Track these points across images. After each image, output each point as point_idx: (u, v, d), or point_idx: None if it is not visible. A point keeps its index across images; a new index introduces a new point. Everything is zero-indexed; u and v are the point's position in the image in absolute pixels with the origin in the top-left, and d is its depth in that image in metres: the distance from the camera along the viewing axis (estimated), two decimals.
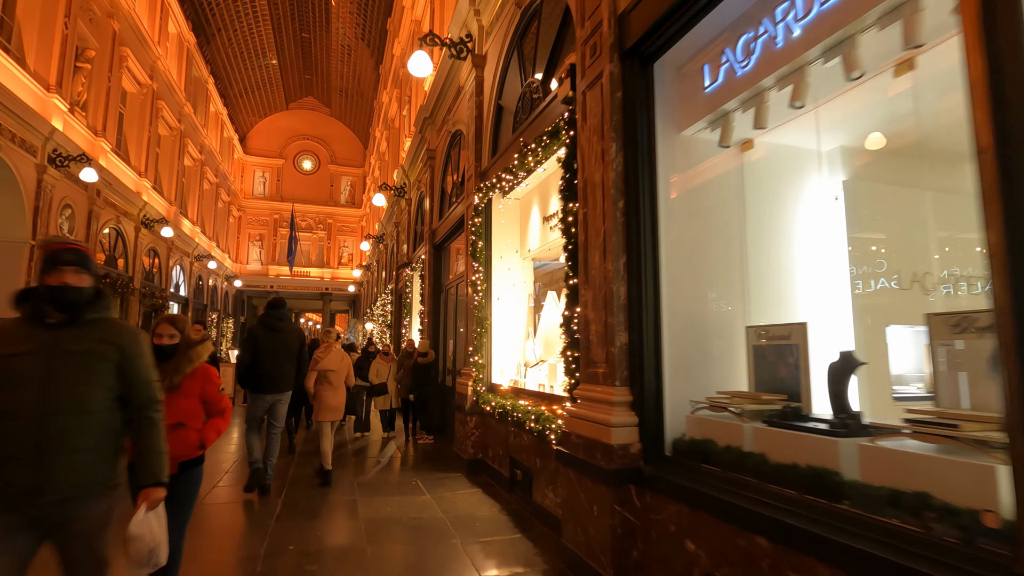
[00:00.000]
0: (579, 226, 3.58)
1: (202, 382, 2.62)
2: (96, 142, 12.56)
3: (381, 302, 17.74)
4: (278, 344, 4.97)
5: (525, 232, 6.16)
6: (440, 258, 9.36)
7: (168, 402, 2.31)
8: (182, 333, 2.63)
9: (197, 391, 2.59)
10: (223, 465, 6.33)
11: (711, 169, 3.29)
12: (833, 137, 3.15)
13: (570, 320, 3.69)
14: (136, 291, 15.13)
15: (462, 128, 7.68)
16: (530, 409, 4.48)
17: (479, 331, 6.00)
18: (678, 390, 3.01)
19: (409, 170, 12.36)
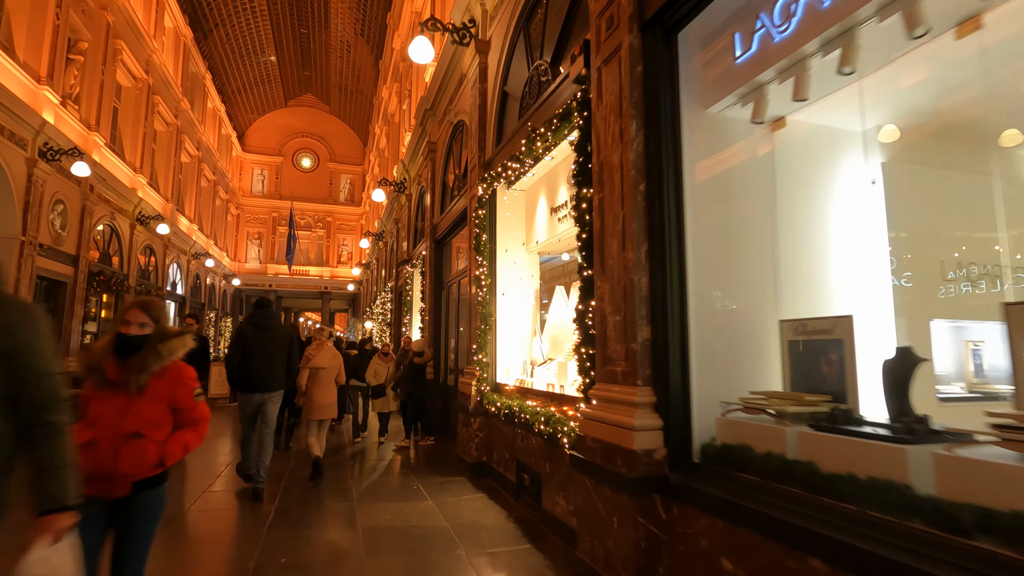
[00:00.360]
0: (594, 213, 3.32)
1: (172, 384, 2.11)
2: (89, 136, 12.28)
3: (381, 300, 17.47)
4: (267, 343, 4.90)
5: (531, 225, 5.89)
6: (441, 254, 9.09)
7: (128, 406, 1.99)
8: (156, 323, 2.14)
9: (165, 395, 2.09)
10: (217, 468, 6.06)
11: (740, 150, 3.02)
12: (875, 115, 2.88)
13: (584, 314, 3.42)
14: (131, 289, 14.85)
15: (464, 118, 7.41)
16: (539, 410, 4.21)
17: (483, 328, 5.73)
18: (706, 390, 2.74)
19: (409, 165, 12.09)
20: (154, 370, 2.07)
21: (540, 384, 4.86)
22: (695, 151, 2.92)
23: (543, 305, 6.06)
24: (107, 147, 13.18)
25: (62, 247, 11.32)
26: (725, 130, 3.01)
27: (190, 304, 20.79)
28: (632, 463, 2.65)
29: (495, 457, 5.40)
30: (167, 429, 2.10)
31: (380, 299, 17.58)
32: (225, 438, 8.06)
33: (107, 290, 13.55)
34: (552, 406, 4.24)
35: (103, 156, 12.87)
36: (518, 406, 4.61)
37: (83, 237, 12.06)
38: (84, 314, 12.27)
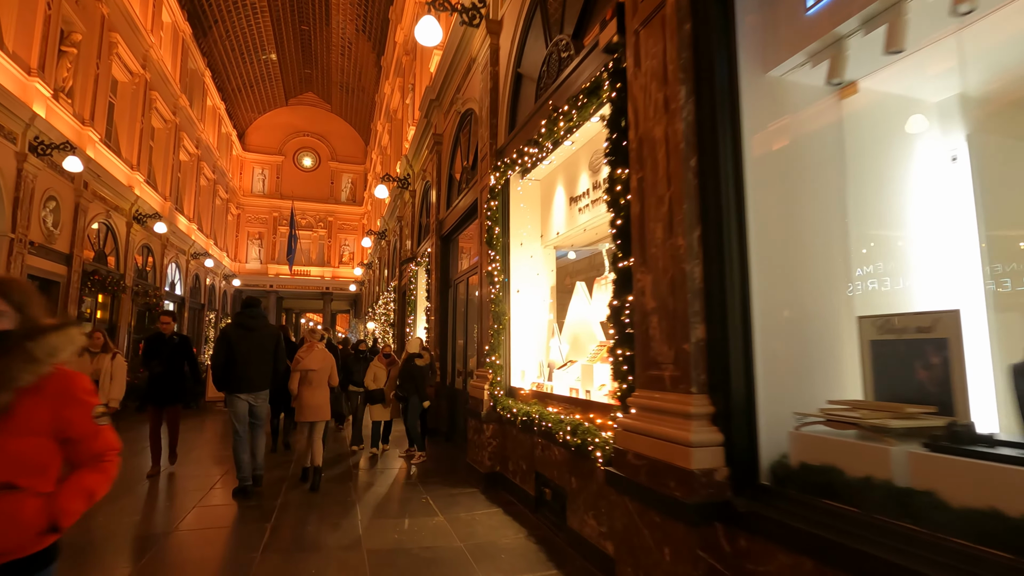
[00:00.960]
0: (633, 195, 2.91)
1: (57, 404, 1.40)
2: (83, 131, 11.90)
3: (383, 300, 17.07)
4: (253, 343, 4.94)
5: (547, 217, 5.48)
6: (448, 251, 8.69)
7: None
8: (20, 312, 1.44)
9: (46, 421, 1.38)
10: (211, 477, 5.66)
11: (805, 120, 2.61)
12: (966, 75, 2.47)
13: (619, 311, 3.01)
14: (128, 289, 14.47)
15: (473, 106, 7.01)
16: (563, 419, 3.80)
17: (496, 328, 5.32)
18: (773, 399, 2.33)
19: (413, 160, 11.70)
20: (24, 383, 1.35)
21: (561, 389, 4.45)
22: (754, 121, 2.51)
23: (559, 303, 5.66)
24: (102, 143, 12.81)
25: (54, 245, 10.93)
26: (788, 97, 2.59)
27: (189, 305, 20.42)
28: (689, 485, 2.24)
29: (511, 467, 4.99)
30: (54, 473, 1.41)
31: (383, 299, 17.19)
32: (222, 445, 7.67)
33: (102, 290, 13.17)
34: (577, 413, 3.84)
35: (98, 152, 12.50)
36: (537, 413, 4.20)
37: (77, 235, 11.68)
38: (78, 315, 11.88)
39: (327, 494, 5.04)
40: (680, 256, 2.50)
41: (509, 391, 5.28)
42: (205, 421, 10.30)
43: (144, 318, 16.52)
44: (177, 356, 5.97)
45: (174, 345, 5.99)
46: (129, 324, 15.11)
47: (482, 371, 5.58)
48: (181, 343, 6.13)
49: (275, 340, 5.14)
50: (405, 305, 12.91)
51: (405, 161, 12.11)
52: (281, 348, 5.24)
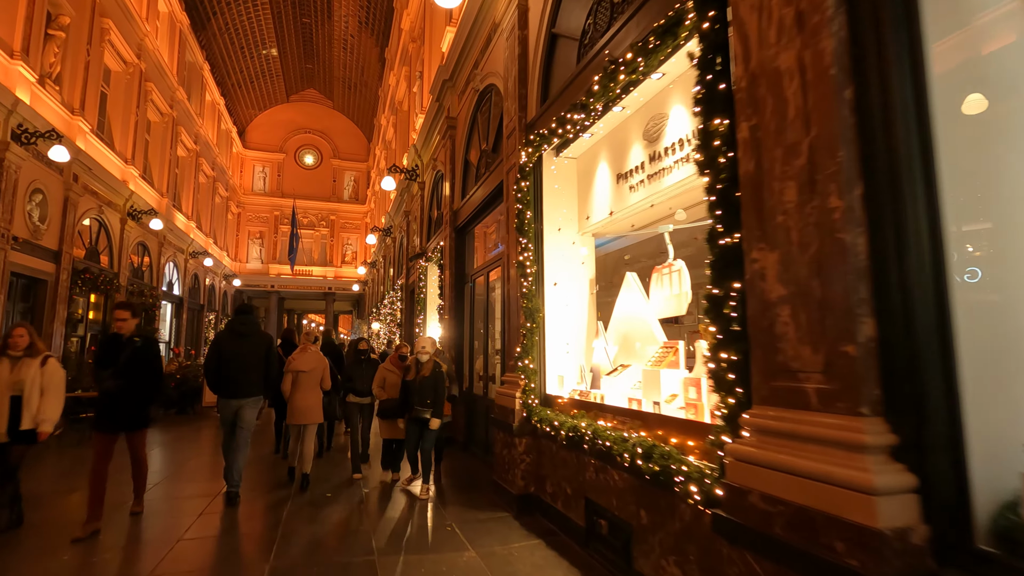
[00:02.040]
0: (743, 149, 2.21)
1: None
2: (72, 121, 11.23)
3: (389, 299, 16.39)
4: (243, 349, 4.94)
5: (585, 199, 4.78)
6: (463, 244, 7.99)
7: None
8: None
9: None
10: (195, 503, 4.96)
11: (1005, 24, 1.90)
12: None
13: (721, 302, 2.30)
14: (123, 289, 13.80)
15: (495, 81, 6.31)
16: (627, 437, 3.09)
17: (529, 327, 4.62)
18: (990, 422, 1.62)
19: (422, 150, 11.00)
20: None
21: (614, 398, 3.75)
22: (940, 25, 1.81)
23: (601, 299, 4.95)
24: (93, 134, 12.14)
25: (41, 241, 10.26)
26: None
27: (188, 305, 19.76)
28: (873, 551, 1.54)
29: (549, 489, 4.28)
30: None
31: (388, 298, 16.50)
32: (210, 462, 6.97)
33: (94, 290, 12.50)
34: (641, 430, 3.13)
35: (88, 143, 11.83)
36: (590, 429, 3.49)
37: (66, 231, 11.01)
38: (68, 316, 11.22)
39: (336, 523, 4.33)
40: (832, 223, 1.80)
41: (545, 400, 4.58)
42: (201, 429, 9.61)
43: (140, 319, 15.85)
44: (138, 365, 4.22)
45: (135, 350, 4.20)
46: None
47: (512, 376, 4.88)
48: (144, 348, 4.27)
49: (266, 347, 5.12)
50: (414, 304, 12.22)
51: (413, 151, 11.42)
52: (273, 354, 5.19)
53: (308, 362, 5.45)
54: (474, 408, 6.82)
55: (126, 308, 4.30)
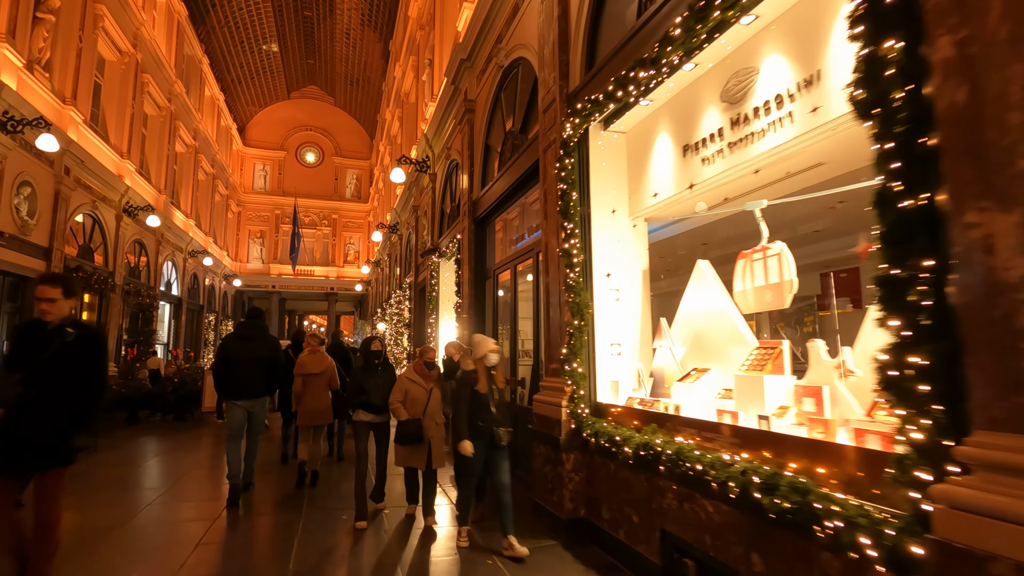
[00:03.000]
0: (941, 75, 1.60)
1: None
2: (64, 110, 10.63)
3: (396, 298, 15.77)
4: (250, 352, 4.98)
5: (639, 178, 4.17)
6: (484, 237, 7.37)
7: None
8: None
9: None
10: (191, 531, 4.34)
11: None
12: None
13: (906, 285, 1.69)
14: (118, 288, 13.20)
15: (525, 53, 5.70)
16: (728, 461, 2.47)
17: (577, 325, 4.00)
18: None
19: (434, 140, 10.39)
20: None
21: (693, 409, 3.13)
22: None
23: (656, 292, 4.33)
24: (86, 125, 11.52)
25: (29, 237, 9.65)
26: None
27: (187, 306, 19.13)
28: None
29: (606, 515, 3.66)
30: None
31: (395, 297, 15.88)
32: (210, 476, 6.36)
33: (88, 289, 11.89)
34: (742, 451, 2.51)
35: (81, 135, 11.22)
36: (667, 446, 2.87)
37: (57, 227, 10.40)
38: None
39: (360, 557, 3.71)
40: None
41: (596, 409, 3.96)
42: (201, 437, 8.99)
43: (137, 320, 15.25)
44: (63, 369, 2.67)
45: (64, 347, 2.68)
46: (120, 326, 13.83)
47: (555, 382, 4.26)
48: (78, 345, 2.72)
49: (273, 349, 5.15)
50: (424, 303, 11.60)
51: (424, 142, 10.80)
52: (279, 357, 5.22)
53: (317, 364, 5.49)
54: None
55: (55, 283, 2.72)
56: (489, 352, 3.86)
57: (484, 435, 3.76)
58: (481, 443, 3.77)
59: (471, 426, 3.75)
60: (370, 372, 4.50)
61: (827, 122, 2.56)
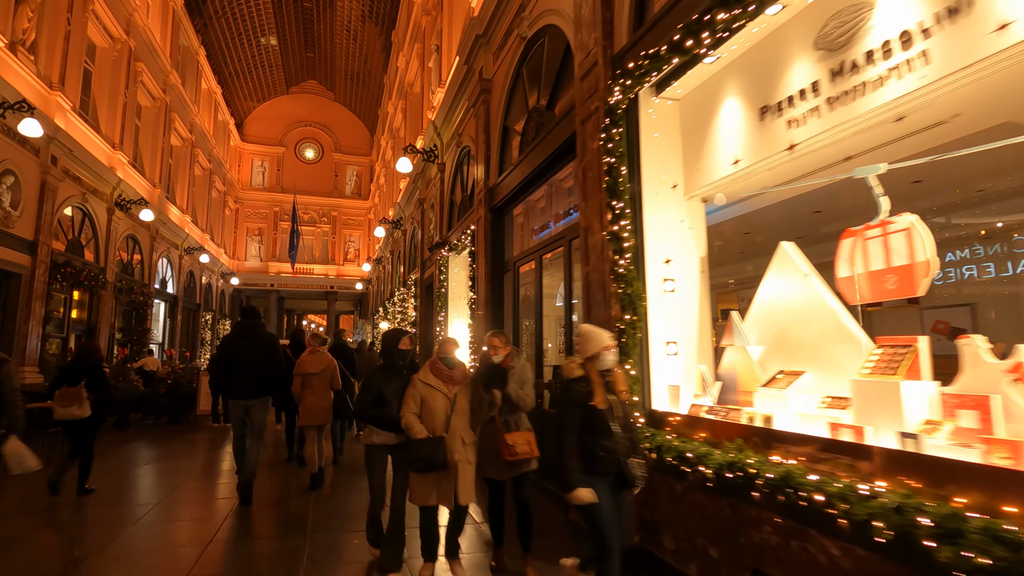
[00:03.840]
0: None
1: None
2: (51, 96, 10.03)
3: (399, 296, 15.20)
4: (249, 350, 4.95)
5: (696, 152, 3.61)
6: (502, 227, 6.81)
7: None
8: None
9: None
10: (188, 551, 3.77)
11: None
12: None
13: None
14: (110, 285, 12.60)
15: (554, 20, 5.14)
16: (870, 492, 1.91)
17: (628, 320, 3.44)
18: None
19: (443, 127, 9.82)
20: None
21: (787, 421, 2.57)
22: None
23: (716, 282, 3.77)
24: (75, 113, 10.93)
25: (13, 230, 9.07)
26: None
27: (183, 304, 18.53)
28: None
29: (669, 544, 3.09)
30: None
31: (399, 295, 15.31)
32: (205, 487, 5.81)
33: (77, 286, 11.30)
34: (880, 479, 1.95)
35: (69, 123, 10.62)
36: (767, 468, 2.32)
37: (43, 219, 9.81)
38: (46, 314, 10.01)
39: None
40: None
41: (651, 418, 3.40)
42: (195, 443, 8.41)
43: (130, 319, 14.65)
44: None
45: None
46: (112, 325, 13.24)
47: None
48: None
49: (272, 348, 5.08)
50: (432, 300, 11.02)
51: (431, 130, 10.23)
52: (279, 354, 5.17)
53: (317, 364, 5.39)
54: None
55: None
56: (604, 351, 2.69)
57: (607, 471, 2.57)
58: (604, 484, 2.56)
59: (588, 459, 2.56)
60: (392, 376, 3.34)
61: (984, 59, 2.00)
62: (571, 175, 4.94)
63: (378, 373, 3.40)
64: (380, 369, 3.43)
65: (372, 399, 3.29)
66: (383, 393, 3.28)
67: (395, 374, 3.37)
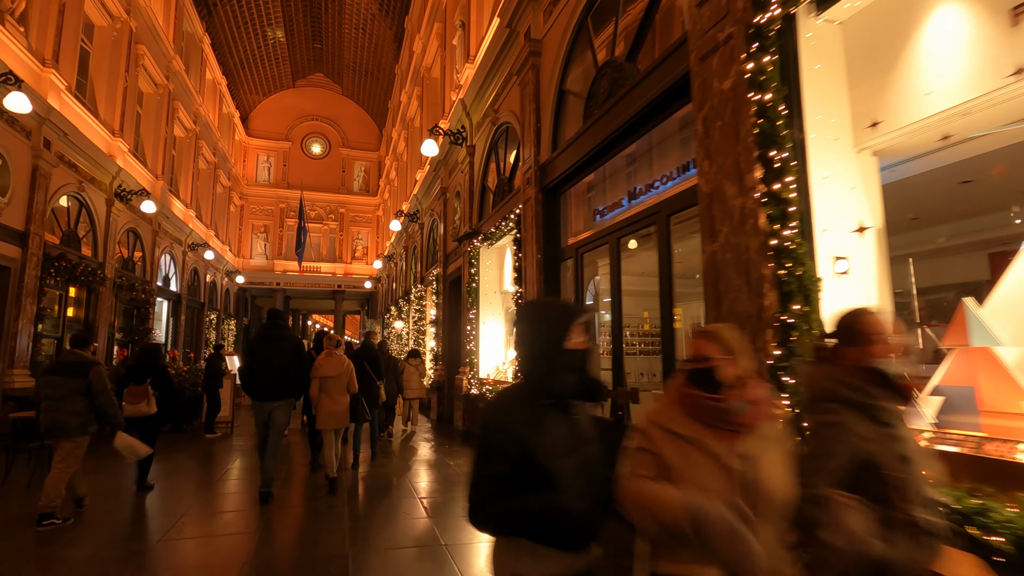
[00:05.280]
0: None
1: None
2: (43, 73, 9.17)
3: (416, 293, 14.30)
4: (273, 353, 5.02)
5: (880, 87, 2.70)
6: (556, 208, 5.91)
7: None
8: None
9: None
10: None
11: None
12: None
13: None
14: (108, 281, 11.73)
15: None
16: None
17: (798, 313, 2.52)
18: None
19: (474, 106, 8.92)
20: None
21: None
22: None
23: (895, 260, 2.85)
24: (71, 94, 10.06)
25: (0, 219, 8.20)
26: None
27: (187, 303, 17.65)
28: None
29: None
30: None
31: (415, 292, 14.41)
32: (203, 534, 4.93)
33: (73, 281, 10.43)
34: None
35: (64, 103, 9.76)
36: None
37: (35, 208, 8.94)
38: (37, 312, 9.13)
39: None
40: None
41: None
42: (198, 457, 7.50)
43: (131, 317, 13.77)
44: None
45: None
46: (111, 324, 12.38)
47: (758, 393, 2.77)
48: None
49: (295, 351, 5.15)
50: (460, 297, 10.11)
51: (459, 111, 9.32)
52: (303, 357, 5.22)
53: (333, 367, 5.34)
54: None
55: None
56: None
57: None
58: None
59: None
60: (550, 420, 1.40)
61: None
62: (663, 138, 4.03)
63: (511, 412, 1.42)
64: (513, 404, 1.45)
65: (508, 476, 1.35)
66: (537, 458, 1.34)
67: (557, 414, 1.43)
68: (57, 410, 4.22)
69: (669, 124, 4.02)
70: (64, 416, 4.22)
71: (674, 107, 3.82)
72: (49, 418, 4.22)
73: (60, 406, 4.23)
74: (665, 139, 4.11)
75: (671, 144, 4.07)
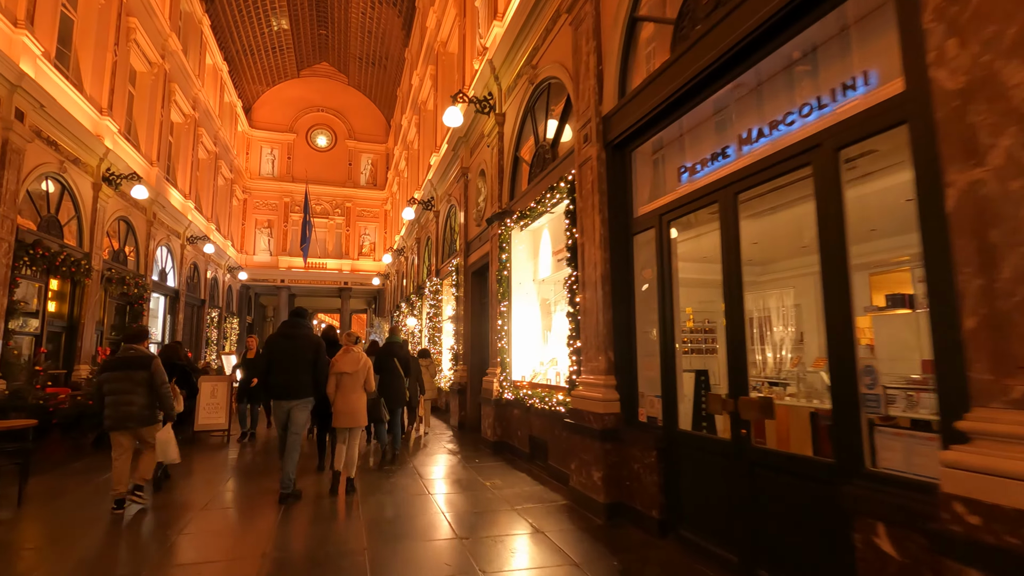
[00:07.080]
0: None
1: None
2: (14, 36, 8.09)
3: (431, 287, 13.15)
4: (292, 351, 4.99)
5: None
6: (625, 169, 4.73)
7: None
8: None
9: None
10: None
11: None
12: None
13: None
14: (96, 273, 10.64)
15: None
16: None
17: None
18: None
19: (503, 68, 7.77)
20: None
21: None
22: None
23: None
24: (48, 62, 8.96)
25: None
26: None
27: (186, 300, 16.57)
28: None
29: None
30: None
31: (430, 286, 13.26)
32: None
33: (53, 271, 9.34)
34: None
35: (40, 72, 8.66)
36: None
37: (5, 187, 7.85)
38: (9, 305, 8.03)
39: None
40: None
41: None
42: (194, 475, 6.36)
43: (124, 314, 12.70)
44: None
45: None
46: (100, 321, 11.29)
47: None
48: None
49: (315, 349, 5.08)
50: (485, 288, 8.96)
51: (487, 73, 8.17)
52: (322, 356, 5.13)
53: (350, 364, 5.24)
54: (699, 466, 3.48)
55: None
56: None
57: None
58: None
59: None
60: None
61: None
62: (824, 39, 2.85)
63: None
64: None
65: None
66: None
67: None
68: (128, 404, 4.56)
69: (827, 21, 2.84)
70: (133, 409, 4.58)
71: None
72: (118, 412, 4.55)
73: (129, 399, 4.57)
74: (827, 40, 2.92)
75: (832, 48, 2.89)
